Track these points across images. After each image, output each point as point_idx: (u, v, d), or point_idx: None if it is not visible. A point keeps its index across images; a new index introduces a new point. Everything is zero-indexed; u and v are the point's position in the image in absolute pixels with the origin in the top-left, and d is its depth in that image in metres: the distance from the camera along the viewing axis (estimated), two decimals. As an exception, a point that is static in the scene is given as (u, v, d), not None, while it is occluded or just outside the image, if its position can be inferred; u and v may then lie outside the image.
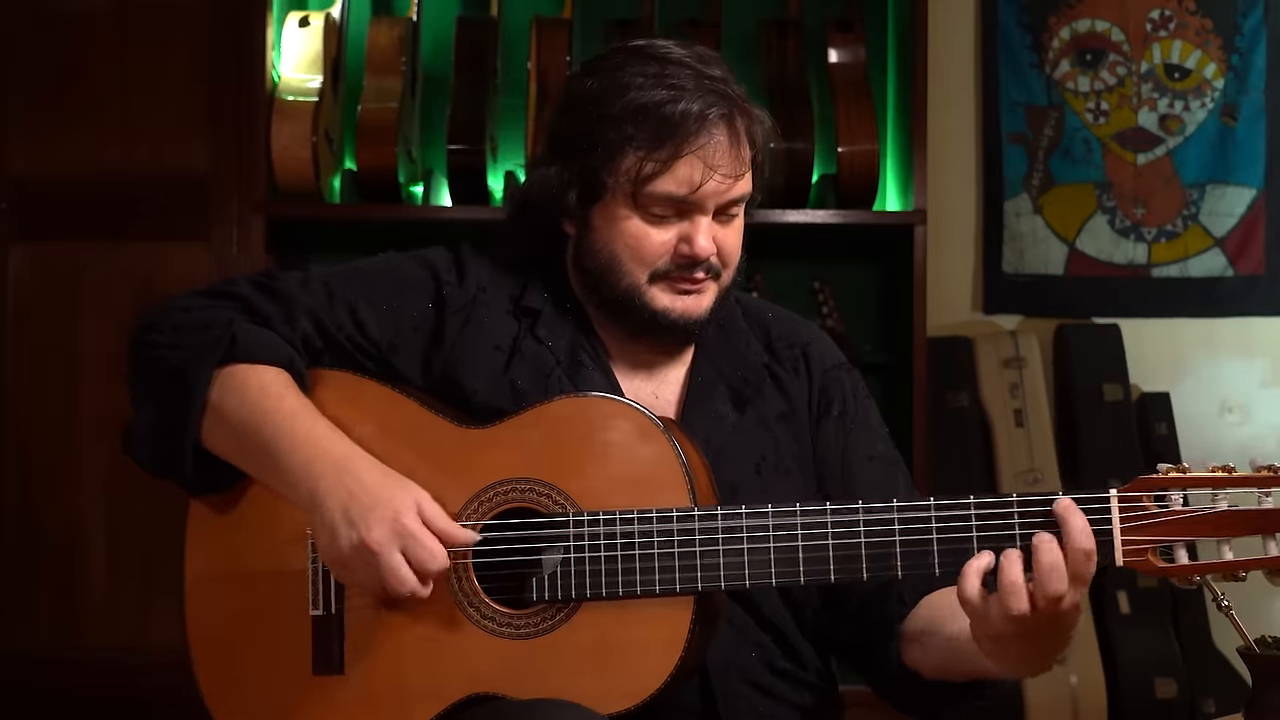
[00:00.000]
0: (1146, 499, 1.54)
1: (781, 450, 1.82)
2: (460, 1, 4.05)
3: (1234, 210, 4.14)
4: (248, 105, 3.65)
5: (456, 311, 1.79)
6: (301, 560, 1.71)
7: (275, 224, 3.70)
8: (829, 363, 1.89)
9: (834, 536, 1.59)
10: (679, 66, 1.74)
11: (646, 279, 1.75)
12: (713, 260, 1.75)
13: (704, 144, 1.70)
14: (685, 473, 1.63)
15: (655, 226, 1.73)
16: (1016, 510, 1.56)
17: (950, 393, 3.94)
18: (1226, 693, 3.69)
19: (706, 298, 1.77)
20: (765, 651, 1.77)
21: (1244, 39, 4.15)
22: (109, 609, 3.62)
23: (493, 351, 1.78)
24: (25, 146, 3.68)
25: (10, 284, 3.67)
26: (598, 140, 1.72)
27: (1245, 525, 1.52)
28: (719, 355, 1.85)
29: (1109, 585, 3.78)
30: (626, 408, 1.67)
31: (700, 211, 1.73)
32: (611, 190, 1.73)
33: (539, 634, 1.64)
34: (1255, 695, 1.64)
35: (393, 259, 1.85)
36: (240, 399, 1.68)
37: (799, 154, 3.72)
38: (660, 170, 1.70)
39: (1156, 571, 1.53)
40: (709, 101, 1.71)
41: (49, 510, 3.65)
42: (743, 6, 3.99)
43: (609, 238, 1.75)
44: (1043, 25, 4.15)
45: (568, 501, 1.65)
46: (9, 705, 3.60)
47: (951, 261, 4.11)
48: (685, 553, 1.61)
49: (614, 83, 1.74)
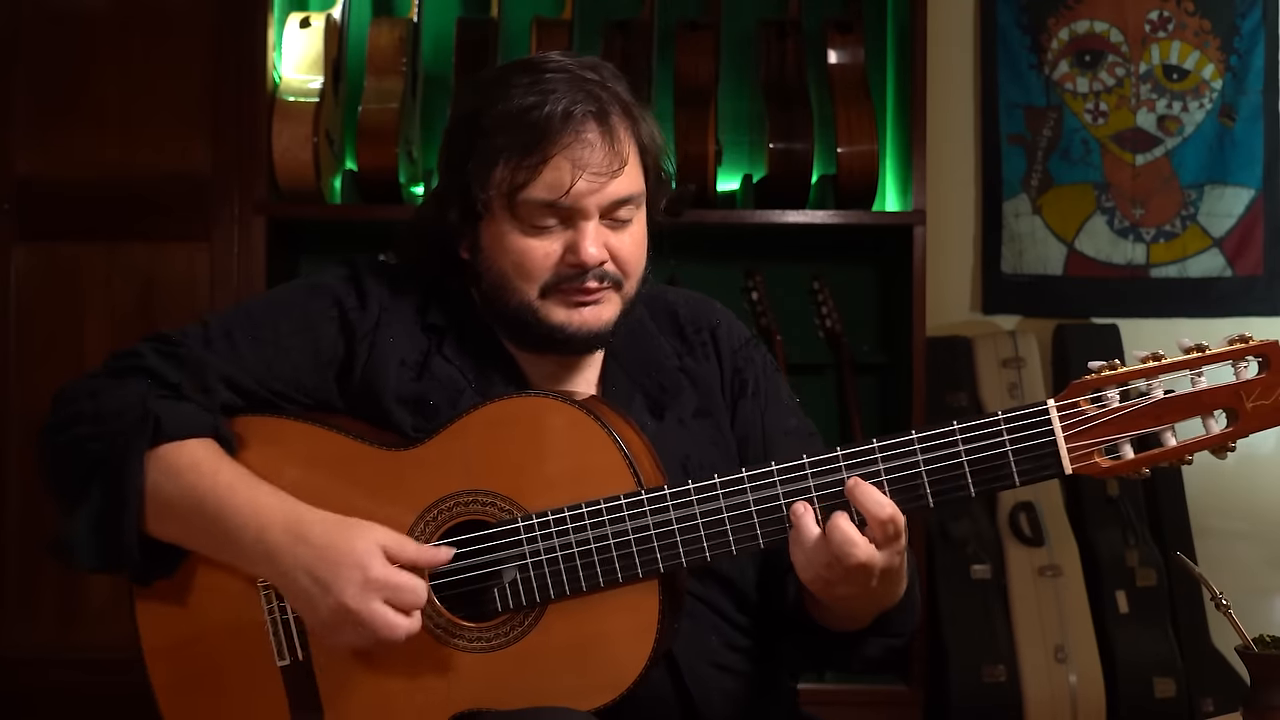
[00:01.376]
0: (1084, 402, 1.54)
1: (704, 447, 1.80)
2: (461, 2, 4.06)
3: (1232, 211, 4.15)
4: (249, 106, 3.66)
5: (363, 337, 1.73)
6: (258, 613, 1.68)
7: (276, 224, 3.71)
8: (737, 342, 1.87)
9: (785, 497, 1.59)
10: (553, 73, 1.69)
11: (537, 294, 1.70)
12: (607, 268, 1.69)
13: (570, 143, 1.65)
14: (624, 456, 1.61)
15: (538, 238, 1.68)
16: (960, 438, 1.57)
17: (949, 393, 3.95)
18: (1225, 692, 3.70)
19: (607, 309, 1.72)
20: (722, 634, 1.77)
21: (1242, 40, 4.16)
22: (110, 608, 3.63)
23: (399, 368, 1.73)
24: (28, 147, 3.69)
25: (13, 284, 3.68)
26: (470, 154, 1.69)
27: (1183, 409, 1.53)
28: (630, 363, 1.81)
29: (1107, 585, 3.79)
30: (552, 401, 1.63)
31: (582, 216, 1.67)
32: (489, 205, 1.69)
33: (511, 642, 1.62)
34: (1253, 694, 1.65)
35: (288, 294, 1.79)
36: (175, 482, 1.63)
37: (798, 154, 3.73)
38: (530, 177, 1.65)
39: (1104, 472, 1.54)
40: (574, 99, 1.66)
41: (51, 509, 3.64)
42: (742, 7, 4.00)
43: (495, 255, 1.71)
44: (1041, 26, 4.16)
45: (514, 507, 1.62)
46: (10, 705, 3.60)
47: (950, 262, 4.12)
48: (641, 538, 1.59)
49: (489, 96, 1.70)
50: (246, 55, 3.67)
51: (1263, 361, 1.53)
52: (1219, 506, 4.02)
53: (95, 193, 3.69)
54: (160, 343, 1.72)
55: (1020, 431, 1.57)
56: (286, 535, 1.60)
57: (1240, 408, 1.53)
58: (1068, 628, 3.73)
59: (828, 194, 3.82)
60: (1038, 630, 3.73)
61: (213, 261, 3.67)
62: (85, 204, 3.69)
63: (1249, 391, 1.53)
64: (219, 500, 1.62)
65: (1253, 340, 1.54)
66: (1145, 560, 3.80)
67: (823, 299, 3.90)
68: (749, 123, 4.01)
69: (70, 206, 3.69)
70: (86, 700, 3.58)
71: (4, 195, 3.67)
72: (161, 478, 1.64)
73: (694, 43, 3.86)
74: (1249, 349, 1.53)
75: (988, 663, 3.68)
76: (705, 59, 3.85)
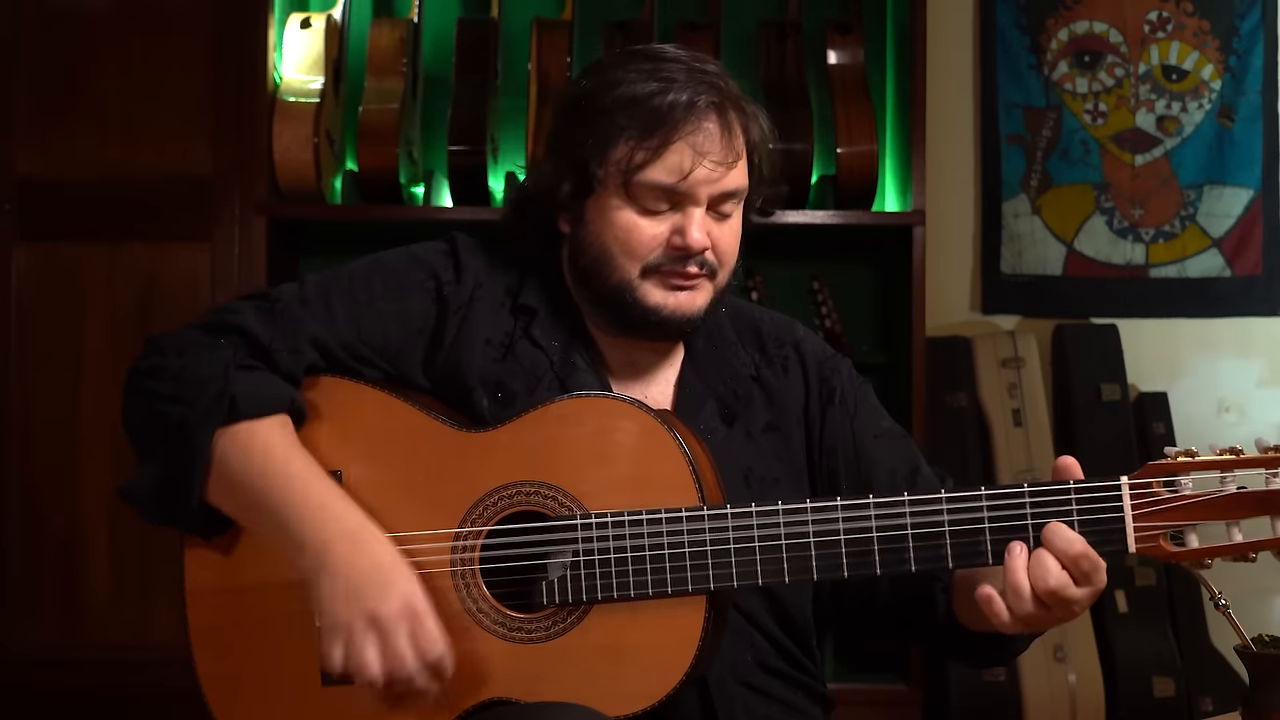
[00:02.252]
0: (1156, 484, 1.54)
1: (768, 461, 1.81)
2: (461, 3, 4.06)
3: (1231, 211, 4.16)
4: (250, 106, 3.66)
5: (456, 310, 1.78)
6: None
7: (277, 225, 3.72)
8: (822, 355, 1.90)
9: (846, 533, 1.59)
10: (672, 63, 1.74)
11: (638, 273, 1.73)
12: (707, 256, 1.74)
13: (693, 131, 1.70)
14: (692, 470, 1.62)
15: (647, 218, 1.72)
16: (1029, 502, 1.56)
17: (949, 393, 3.96)
18: (1223, 691, 3.71)
19: (701, 295, 1.76)
20: (759, 651, 1.78)
21: (1241, 40, 4.17)
22: (111, 607, 3.63)
23: (484, 346, 1.77)
24: (29, 148, 3.69)
25: (14, 284, 3.68)
26: (590, 133, 1.72)
27: (1254, 506, 1.53)
28: (708, 367, 1.84)
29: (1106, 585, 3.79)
30: (629, 406, 1.65)
31: (693, 202, 1.72)
32: (604, 181, 1.72)
33: (551, 637, 1.63)
34: (1252, 693, 1.66)
35: (389, 260, 1.82)
36: (247, 462, 1.65)
37: (798, 155, 3.73)
38: (651, 158, 1.69)
39: (1169, 557, 1.54)
40: (698, 90, 1.71)
41: (52, 509, 3.66)
42: (742, 8, 4.01)
43: (601, 230, 1.74)
44: (1041, 27, 4.17)
45: (574, 503, 1.63)
46: (11, 703, 3.60)
47: (950, 262, 4.13)
48: (696, 552, 1.60)
49: (607, 79, 1.74)
50: (247, 56, 3.67)
51: None
52: (1218, 506, 4.02)
53: (96, 193, 3.69)
54: (259, 300, 1.76)
55: (1089, 504, 1.56)
56: (346, 540, 1.61)
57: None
58: (1067, 627, 3.73)
59: (827, 194, 3.82)
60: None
61: (214, 262, 3.67)
62: (86, 204, 3.69)
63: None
64: (286, 488, 1.64)
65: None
66: (1144, 559, 3.81)
67: (822, 299, 3.90)
68: (749, 123, 4.01)
69: (71, 207, 3.70)
70: (88, 699, 3.58)
71: (5, 195, 3.67)
72: (233, 453, 1.66)
73: (694, 43, 3.86)
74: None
75: (987, 662, 3.69)
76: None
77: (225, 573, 1.72)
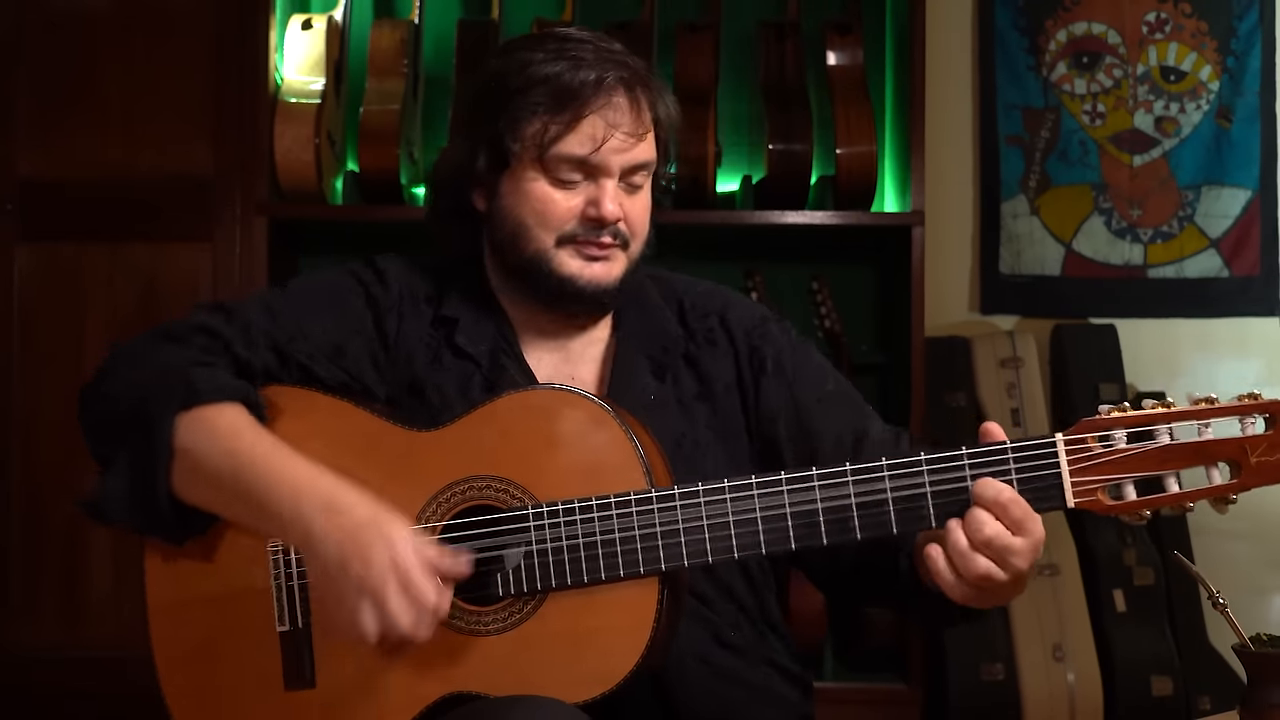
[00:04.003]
0: (1091, 440, 1.56)
1: (699, 427, 1.84)
2: (461, 4, 4.07)
3: (1229, 211, 4.17)
4: (251, 107, 3.67)
5: (389, 310, 1.83)
6: (264, 578, 1.71)
7: (278, 225, 3.72)
8: (750, 323, 1.92)
9: (791, 507, 1.61)
10: (579, 43, 1.81)
11: (554, 243, 1.79)
12: (620, 227, 1.79)
13: (603, 105, 1.76)
14: (639, 455, 1.64)
15: (561, 190, 1.78)
16: (968, 464, 1.58)
17: (948, 392, 3.96)
18: (1222, 690, 3.71)
19: (616, 265, 1.81)
20: (710, 625, 1.79)
21: (1239, 41, 4.18)
22: (112, 607, 3.64)
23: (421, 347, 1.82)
24: (30, 148, 3.70)
25: (15, 284, 3.69)
26: (502, 109, 1.78)
27: (1188, 457, 1.55)
28: (639, 330, 1.88)
29: (1105, 584, 3.80)
30: (574, 396, 1.67)
31: (605, 174, 1.77)
32: (519, 156, 1.78)
33: (509, 628, 1.64)
34: (1250, 692, 1.66)
35: (318, 274, 1.89)
36: (213, 444, 1.66)
37: (797, 155, 3.74)
38: (564, 132, 1.75)
39: (1107, 509, 1.56)
40: (605, 68, 1.77)
41: (53, 509, 3.66)
42: (741, 9, 4.02)
43: (516, 203, 1.79)
44: (1039, 28, 4.17)
45: (525, 495, 1.65)
46: (13, 702, 3.61)
47: (949, 262, 4.13)
48: (646, 534, 1.62)
49: (517, 60, 1.80)
50: (248, 57, 3.68)
51: (1269, 419, 1.56)
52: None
53: (97, 193, 3.70)
54: (213, 307, 1.80)
55: (1027, 462, 1.58)
56: (323, 506, 1.62)
57: (1244, 461, 1.55)
58: (1066, 626, 3.74)
59: (827, 195, 3.83)
60: (1036, 629, 3.74)
61: (215, 262, 3.68)
62: (87, 204, 3.70)
63: (1254, 446, 1.55)
64: (255, 465, 1.65)
65: (1261, 398, 1.56)
66: (1143, 559, 3.81)
67: (822, 299, 3.91)
68: (748, 124, 4.03)
69: (72, 207, 3.70)
70: (89, 699, 3.58)
71: (7, 196, 3.68)
72: (198, 438, 1.67)
73: (693, 44, 3.87)
74: (1255, 406, 1.56)
75: (986, 661, 3.70)
76: (705, 60, 3.86)
77: (185, 585, 1.73)
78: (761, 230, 3.84)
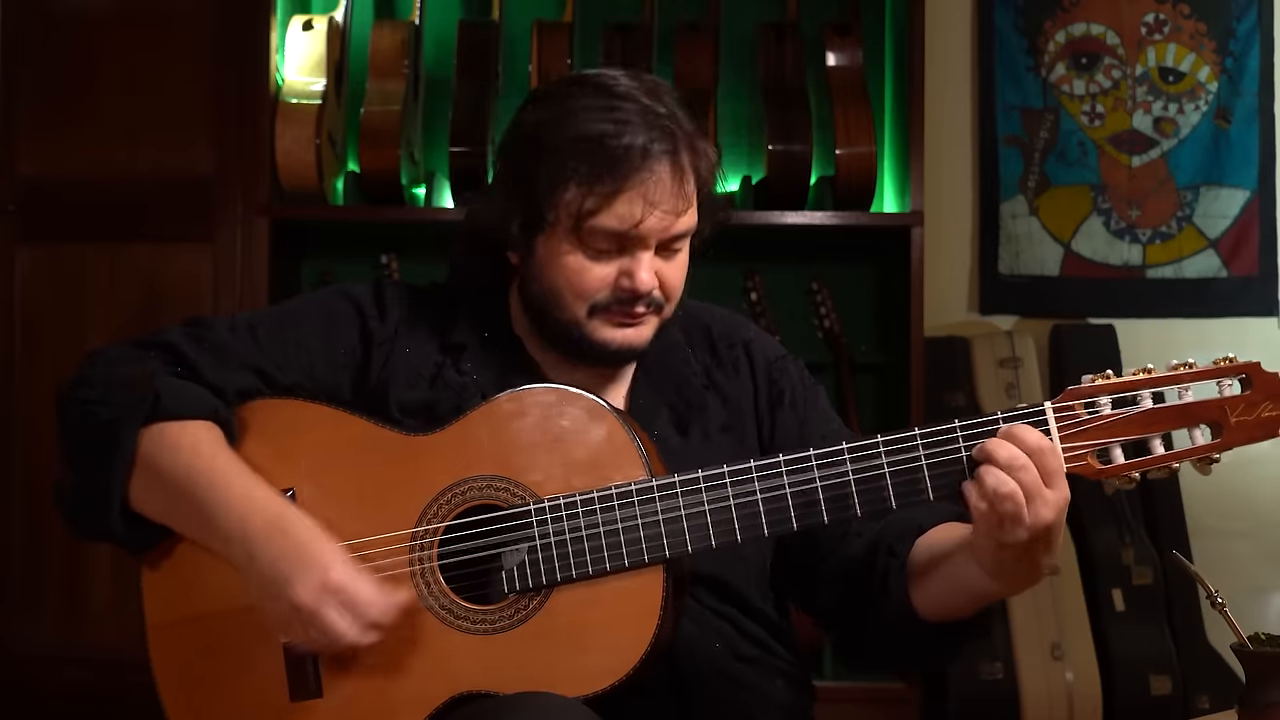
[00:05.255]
0: (1078, 407, 1.61)
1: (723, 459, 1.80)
2: (462, 5, 4.08)
3: (1228, 212, 4.18)
4: (252, 108, 3.68)
5: (381, 344, 1.81)
6: None
7: (279, 226, 3.73)
8: (772, 355, 1.92)
9: (791, 488, 1.63)
10: (624, 100, 1.71)
11: (586, 312, 1.75)
12: (655, 294, 1.75)
13: (645, 180, 1.68)
14: (638, 447, 1.65)
15: (596, 261, 1.73)
16: (961, 435, 1.61)
17: (947, 392, 3.97)
18: (1220, 689, 3.72)
19: (647, 329, 1.78)
20: (729, 641, 1.79)
21: (1238, 42, 4.19)
22: (113, 607, 3.64)
23: (410, 377, 1.79)
24: (32, 149, 3.70)
25: (17, 285, 3.69)
26: (540, 172, 1.71)
27: (1171, 419, 1.60)
28: (659, 376, 1.86)
29: (1104, 584, 3.81)
30: (570, 393, 1.67)
31: (642, 247, 1.72)
32: (552, 223, 1.72)
33: (515, 625, 1.64)
34: (1248, 691, 1.67)
35: (316, 296, 1.86)
36: (173, 458, 1.67)
37: (797, 156, 3.75)
38: (601, 206, 1.69)
39: (1097, 474, 1.60)
40: (652, 136, 1.69)
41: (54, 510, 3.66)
42: (741, 10, 4.02)
43: (549, 270, 1.75)
44: (1038, 29, 4.18)
45: (526, 493, 1.66)
46: (16, 703, 3.62)
47: (948, 262, 4.14)
48: (649, 523, 1.63)
49: (558, 114, 1.72)
50: (249, 58, 3.69)
51: (1244, 380, 1.62)
52: (1215, 505, 4.04)
53: (99, 194, 3.70)
54: (189, 325, 1.78)
55: None
56: (267, 525, 1.63)
57: (1225, 422, 1.60)
58: (1064, 626, 3.75)
59: (826, 195, 3.84)
60: (1035, 628, 3.75)
61: (216, 262, 3.68)
62: (89, 205, 3.71)
63: (1232, 407, 1.61)
64: (212, 482, 1.66)
65: (1236, 360, 1.63)
66: (1141, 559, 3.82)
67: (821, 299, 3.92)
68: (748, 124, 4.03)
69: (74, 208, 3.71)
70: (91, 699, 3.59)
71: (8, 197, 3.69)
72: (160, 451, 1.67)
73: (693, 45, 3.88)
74: (1231, 369, 1.62)
75: (985, 660, 3.71)
76: (704, 61, 3.87)
77: (185, 602, 1.73)
78: (761, 230, 3.85)
